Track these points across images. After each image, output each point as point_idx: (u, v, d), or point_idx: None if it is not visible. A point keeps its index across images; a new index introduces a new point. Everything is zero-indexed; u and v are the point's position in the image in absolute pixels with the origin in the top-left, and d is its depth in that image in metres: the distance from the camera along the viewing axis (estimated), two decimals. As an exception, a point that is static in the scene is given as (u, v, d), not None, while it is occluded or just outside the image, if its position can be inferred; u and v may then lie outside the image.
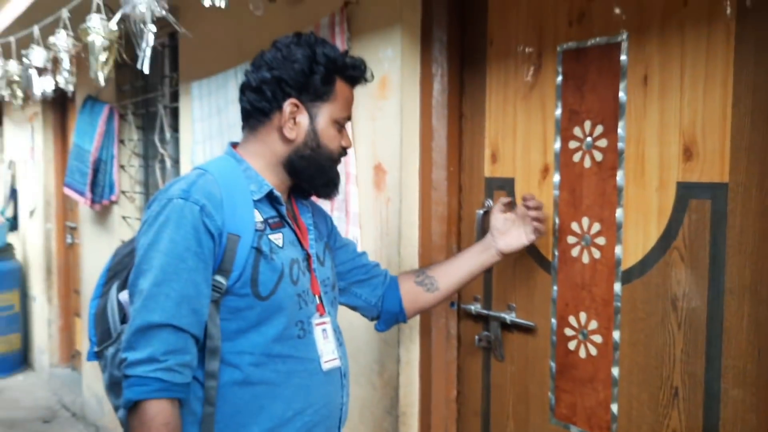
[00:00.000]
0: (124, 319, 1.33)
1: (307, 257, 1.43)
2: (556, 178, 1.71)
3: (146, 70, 1.97)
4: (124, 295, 1.34)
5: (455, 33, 1.93)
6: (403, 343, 1.97)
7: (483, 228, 1.87)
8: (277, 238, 1.35)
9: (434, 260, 1.95)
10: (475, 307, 1.93)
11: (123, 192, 3.92)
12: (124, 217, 3.91)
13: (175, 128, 3.36)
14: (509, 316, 1.83)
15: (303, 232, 1.45)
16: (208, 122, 2.76)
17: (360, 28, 2.03)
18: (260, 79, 1.37)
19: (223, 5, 1.63)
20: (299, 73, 1.35)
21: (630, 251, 1.57)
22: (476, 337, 1.93)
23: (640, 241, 1.55)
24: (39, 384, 5.42)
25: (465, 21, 1.97)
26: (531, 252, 1.78)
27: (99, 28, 2.03)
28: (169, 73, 3.47)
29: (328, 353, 1.41)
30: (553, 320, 1.73)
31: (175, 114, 3.34)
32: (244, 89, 1.41)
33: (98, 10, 2.13)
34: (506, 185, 1.85)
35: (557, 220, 1.71)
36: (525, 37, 1.78)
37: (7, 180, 6.15)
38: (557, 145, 1.70)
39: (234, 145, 1.45)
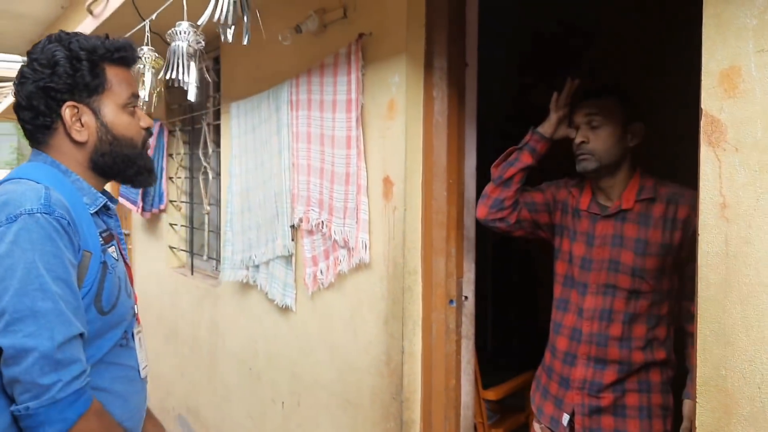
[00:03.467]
0: None
1: (127, 267, 1.38)
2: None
3: (192, 99, 2.24)
4: None
5: (455, 62, 2.18)
6: (407, 336, 2.21)
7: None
8: (112, 251, 1.29)
9: (434, 263, 2.19)
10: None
11: (171, 201, 4.26)
12: (171, 225, 4.25)
13: (217, 143, 3.66)
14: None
15: (118, 241, 1.37)
16: (244, 138, 3.06)
17: (372, 57, 2.29)
18: (27, 95, 1.26)
19: (245, 42, 1.89)
20: (63, 75, 1.25)
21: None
22: None
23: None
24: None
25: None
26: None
27: (148, 58, 2.34)
28: (212, 94, 3.78)
29: (143, 360, 1.37)
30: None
31: (217, 130, 3.65)
32: (16, 110, 1.29)
33: (148, 42, 2.44)
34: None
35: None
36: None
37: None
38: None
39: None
